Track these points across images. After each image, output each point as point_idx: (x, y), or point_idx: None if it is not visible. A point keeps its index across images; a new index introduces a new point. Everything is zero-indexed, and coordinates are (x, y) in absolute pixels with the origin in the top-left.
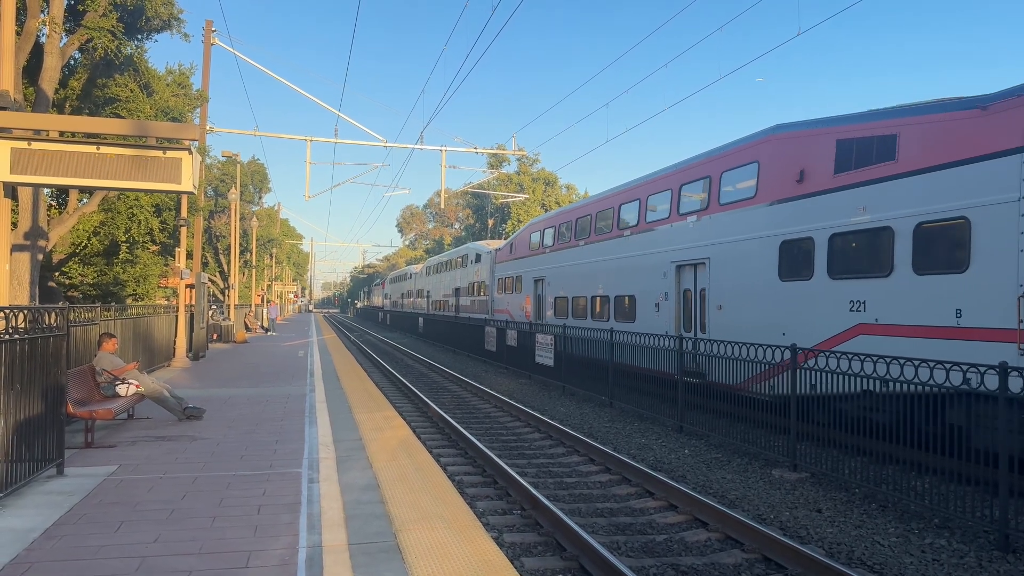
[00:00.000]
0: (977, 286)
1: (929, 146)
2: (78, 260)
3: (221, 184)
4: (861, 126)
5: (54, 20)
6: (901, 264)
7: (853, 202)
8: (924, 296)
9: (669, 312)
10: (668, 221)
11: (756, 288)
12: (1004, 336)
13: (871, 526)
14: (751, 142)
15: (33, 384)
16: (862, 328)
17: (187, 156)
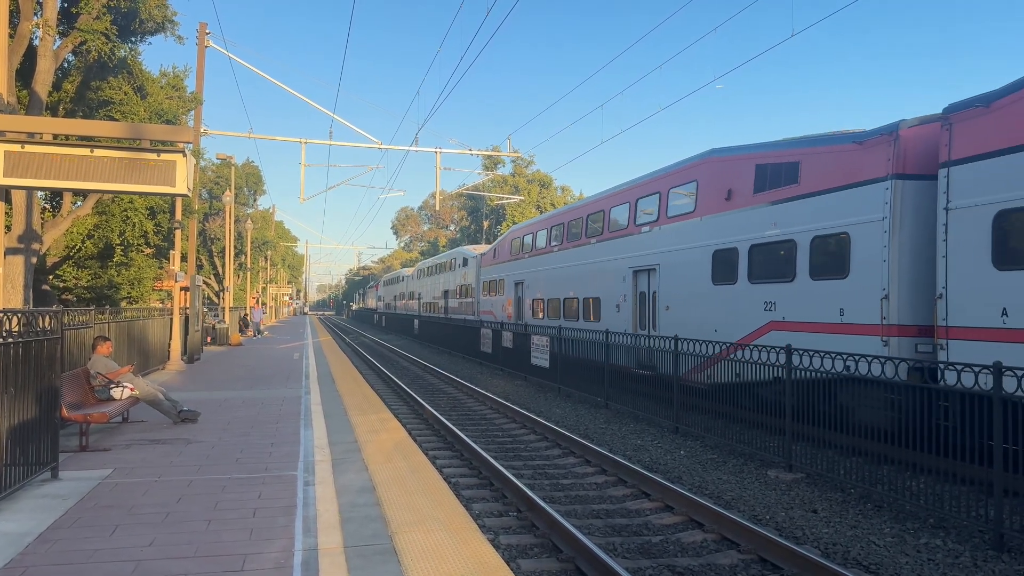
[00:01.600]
0: (854, 290)
1: (823, 172)
2: (72, 263)
3: (216, 187)
4: (774, 153)
5: (47, 23)
6: (801, 271)
7: (767, 218)
8: (818, 298)
9: (627, 312)
10: (627, 231)
11: (695, 291)
12: (873, 330)
13: (867, 526)
14: (692, 163)
15: (27, 388)
16: (773, 325)
17: (181, 159)
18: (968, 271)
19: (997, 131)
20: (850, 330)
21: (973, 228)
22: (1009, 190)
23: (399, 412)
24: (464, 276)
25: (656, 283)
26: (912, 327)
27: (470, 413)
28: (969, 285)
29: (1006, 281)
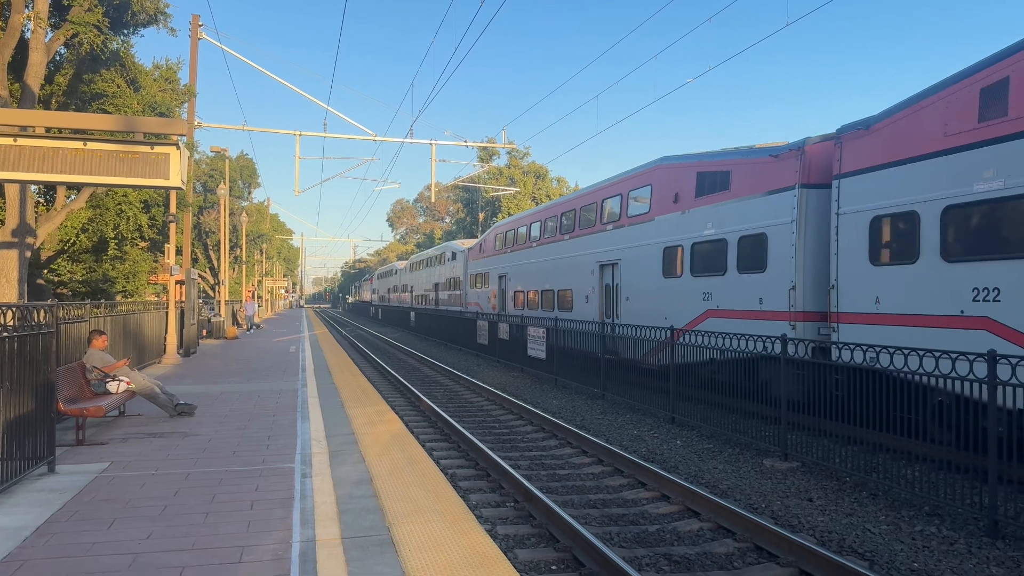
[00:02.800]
0: (771, 282)
1: (748, 181)
2: (67, 257)
3: (210, 179)
4: (712, 163)
5: (39, 15)
6: (731, 266)
7: (705, 219)
8: (743, 289)
9: (595, 303)
10: (595, 229)
11: (649, 283)
12: (784, 316)
13: (862, 514)
14: (647, 169)
15: (23, 382)
16: (710, 313)
17: (175, 151)
18: (852, 266)
19: (873, 150)
20: (768, 316)
21: (855, 230)
22: (881, 199)
23: (396, 404)
24: (453, 269)
25: (618, 276)
26: (815, 313)
27: (467, 405)
28: (853, 278)
29: (878, 275)
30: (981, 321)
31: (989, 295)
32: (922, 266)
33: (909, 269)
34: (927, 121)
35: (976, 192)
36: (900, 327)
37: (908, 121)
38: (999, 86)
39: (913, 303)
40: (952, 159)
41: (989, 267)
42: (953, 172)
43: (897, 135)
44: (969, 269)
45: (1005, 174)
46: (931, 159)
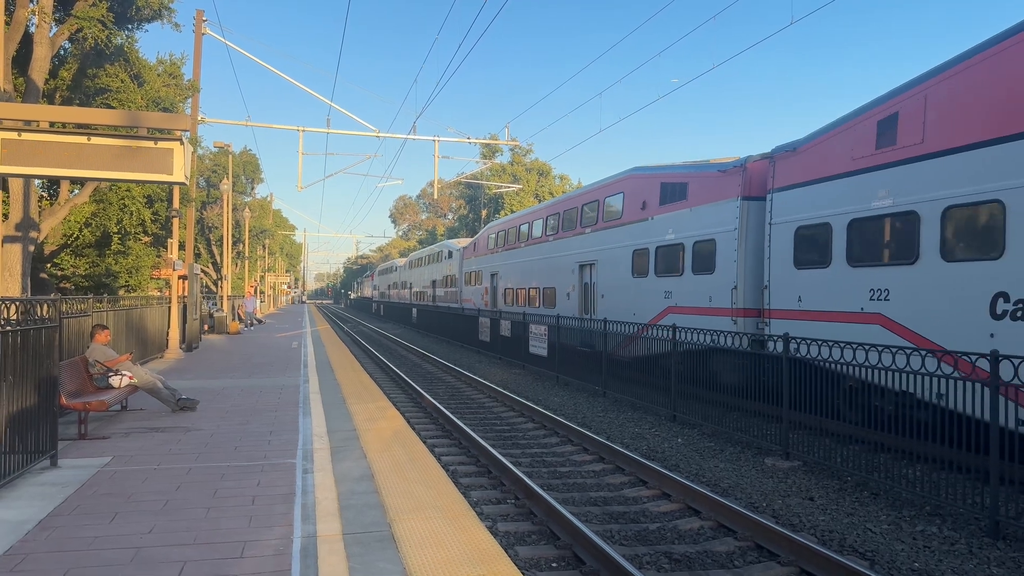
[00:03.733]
0: (718, 282)
1: (702, 192)
2: (70, 251)
3: (213, 175)
4: (673, 175)
5: (43, 10)
6: (687, 267)
7: (667, 225)
8: (697, 288)
9: (575, 300)
10: (575, 231)
11: (621, 282)
12: (728, 312)
13: (863, 514)
14: (620, 178)
15: (26, 376)
16: (671, 309)
17: (179, 146)
18: (780, 269)
19: (798, 169)
20: (716, 312)
21: (783, 238)
22: (803, 212)
23: (397, 400)
24: (449, 267)
25: (595, 275)
26: (753, 310)
27: (468, 401)
28: (781, 279)
29: (800, 277)
30: (876, 317)
31: (882, 295)
32: (833, 270)
33: (823, 272)
34: (839, 146)
35: (872, 208)
36: (816, 322)
37: (825, 145)
38: (891, 119)
39: (826, 301)
40: (856, 180)
41: (881, 272)
42: (857, 191)
43: (816, 157)
44: (867, 273)
45: (894, 194)
46: (841, 179)
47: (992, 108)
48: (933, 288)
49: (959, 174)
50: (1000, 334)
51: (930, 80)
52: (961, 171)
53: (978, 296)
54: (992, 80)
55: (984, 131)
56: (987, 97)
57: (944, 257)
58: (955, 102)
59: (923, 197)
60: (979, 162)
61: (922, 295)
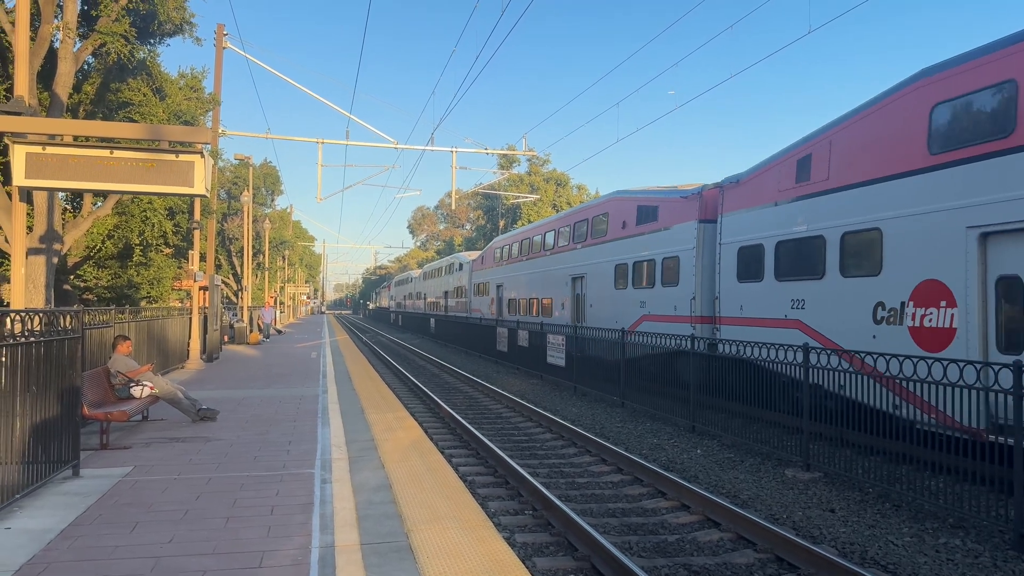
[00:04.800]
0: (681, 293)
1: (669, 215)
2: (93, 263)
3: (234, 187)
4: (649, 198)
5: (68, 25)
6: (657, 280)
7: (643, 243)
8: (665, 298)
9: (569, 309)
10: (569, 247)
11: (605, 293)
12: (688, 320)
13: (885, 526)
14: (606, 199)
15: (49, 386)
16: (645, 317)
17: (199, 159)
18: (727, 282)
19: (741, 198)
20: (680, 320)
21: (730, 256)
22: (744, 234)
23: (415, 410)
24: (459, 279)
25: (584, 287)
26: (708, 317)
27: (486, 411)
28: (728, 291)
29: (742, 289)
30: (795, 323)
31: (799, 304)
32: (765, 284)
33: (758, 285)
34: (770, 179)
35: (793, 232)
36: (754, 327)
37: (760, 178)
38: (806, 159)
39: (760, 309)
40: (782, 208)
41: (799, 285)
42: (782, 218)
43: (754, 188)
44: (789, 286)
45: (808, 221)
46: (771, 207)
47: (874, 153)
48: (834, 299)
49: (853, 206)
50: (879, 335)
51: (835, 128)
52: (854, 203)
53: (865, 305)
54: (874, 131)
55: (870, 171)
56: (871, 144)
57: (842, 273)
58: (851, 147)
59: (828, 224)
60: (866, 196)
61: (827, 304)
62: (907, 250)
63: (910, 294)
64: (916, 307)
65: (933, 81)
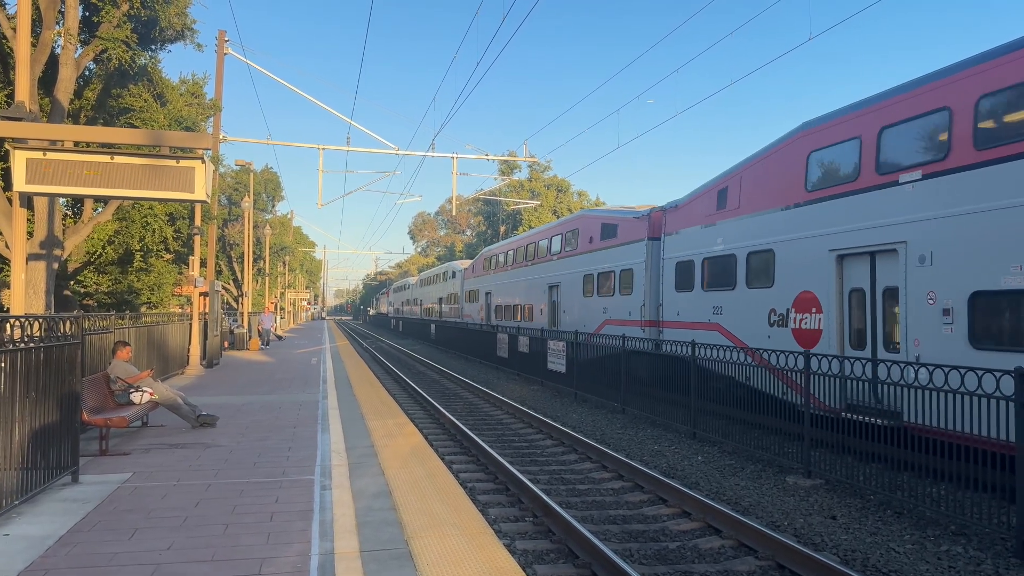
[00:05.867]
0: (634, 301)
1: (626, 232)
2: (93, 269)
3: (235, 193)
4: (610, 217)
5: (69, 31)
6: (616, 289)
7: (605, 257)
8: (622, 305)
9: (546, 315)
10: (547, 258)
11: (576, 300)
12: (639, 324)
13: (886, 533)
14: (577, 217)
15: (48, 392)
16: (607, 322)
17: (200, 165)
18: (668, 292)
19: (678, 220)
20: (633, 323)
21: (670, 269)
22: (680, 251)
23: (415, 417)
24: (453, 286)
25: (559, 295)
26: (655, 322)
27: (486, 418)
28: (668, 299)
29: (679, 297)
30: (715, 326)
31: (719, 311)
32: (695, 293)
33: (690, 294)
34: (699, 206)
35: (714, 251)
36: (688, 329)
37: (692, 204)
38: (724, 190)
39: (692, 315)
40: (707, 230)
41: (718, 294)
42: (707, 238)
43: (688, 212)
44: (712, 295)
45: (724, 241)
46: (700, 229)
47: (770, 188)
48: (743, 306)
49: (755, 230)
50: (772, 336)
51: (744, 166)
52: (757, 228)
53: (763, 311)
54: (770, 170)
55: (768, 203)
56: (768, 180)
57: (747, 285)
58: (754, 182)
59: (738, 245)
60: (764, 223)
61: (737, 310)
62: (791, 267)
63: (792, 302)
64: (796, 313)
65: (809, 133)
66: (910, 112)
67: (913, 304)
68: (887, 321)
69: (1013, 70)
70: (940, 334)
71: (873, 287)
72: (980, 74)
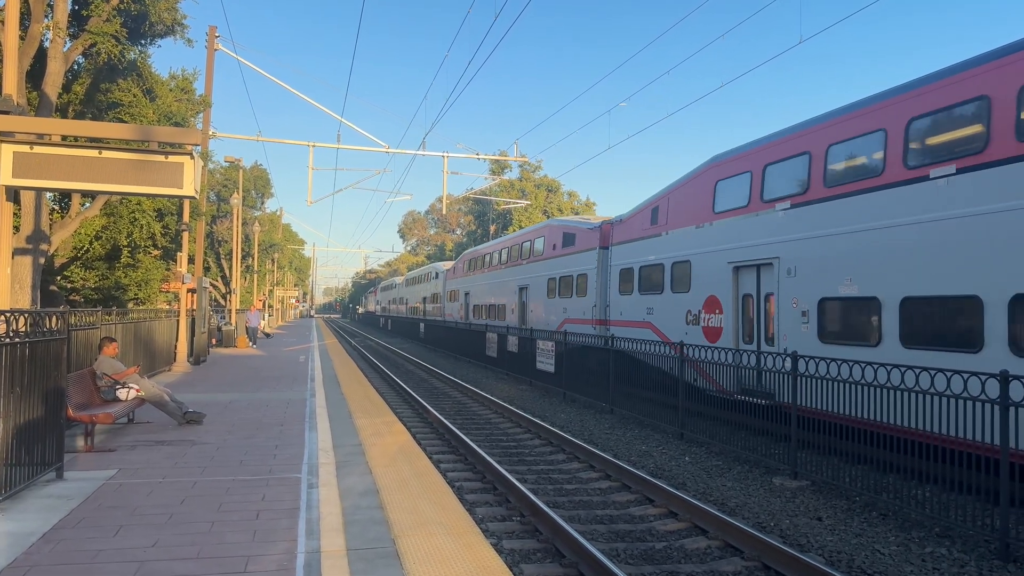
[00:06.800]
0: (588, 302)
1: (583, 241)
2: (80, 264)
3: (224, 189)
4: (571, 227)
5: (58, 25)
6: (575, 292)
7: (566, 262)
8: (579, 305)
9: (517, 314)
10: (518, 262)
11: (541, 301)
12: (591, 323)
13: (871, 534)
14: (544, 226)
15: (33, 388)
16: (567, 320)
17: (189, 161)
18: (614, 295)
19: (622, 233)
20: (587, 322)
21: (615, 275)
22: (623, 260)
23: (403, 415)
24: (436, 286)
25: (528, 296)
26: (603, 321)
27: (474, 417)
28: (614, 301)
29: (622, 299)
30: (648, 324)
31: (651, 311)
32: (633, 296)
33: (630, 297)
34: (638, 221)
35: (648, 260)
36: (629, 327)
37: (633, 219)
38: (656, 210)
39: (631, 315)
40: (643, 243)
41: (651, 297)
42: (643, 250)
43: (629, 226)
44: (646, 298)
45: (655, 253)
46: (638, 241)
47: (689, 209)
48: (668, 307)
49: (677, 244)
50: (689, 332)
51: (671, 189)
52: (678, 242)
53: (683, 312)
54: (689, 194)
55: (687, 222)
56: (687, 203)
57: (672, 290)
58: (678, 204)
59: (665, 256)
60: (684, 238)
61: (664, 311)
62: (702, 276)
63: (703, 304)
64: (706, 313)
65: (717, 165)
66: (784, 154)
67: (783, 307)
68: (767, 321)
69: (850, 127)
70: (800, 331)
71: (758, 293)
72: (830, 128)
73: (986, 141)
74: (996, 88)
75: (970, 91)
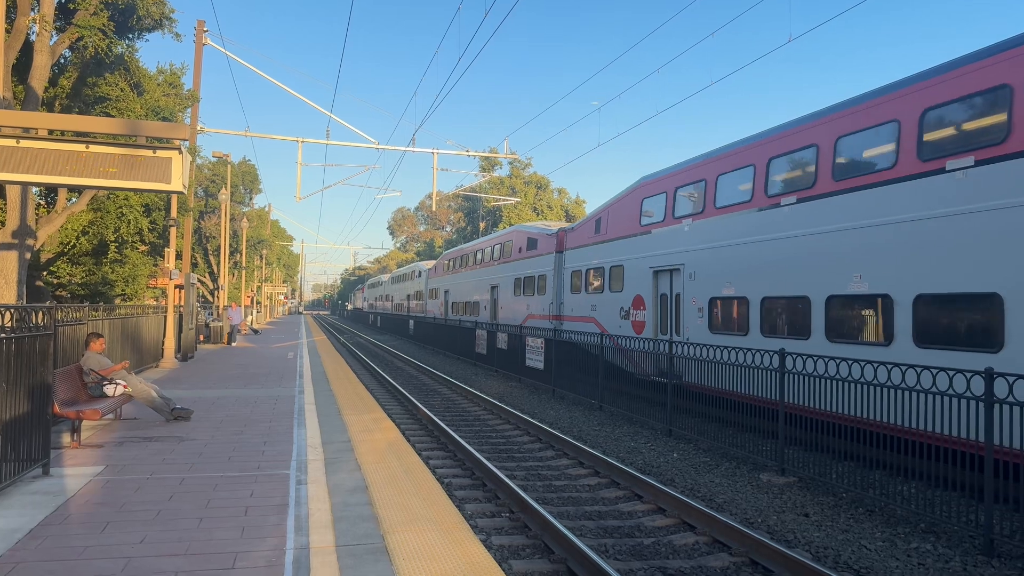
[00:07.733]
0: (546, 299)
1: (543, 245)
2: (66, 259)
3: (211, 185)
4: (534, 233)
5: (44, 18)
6: (536, 291)
7: (529, 264)
8: (540, 303)
9: (489, 310)
10: (490, 263)
11: (509, 298)
12: (549, 318)
13: (858, 530)
14: (511, 231)
15: (19, 383)
16: (530, 316)
17: (177, 156)
18: (566, 293)
19: (573, 239)
20: (545, 318)
21: (568, 276)
22: (574, 263)
23: (393, 412)
24: (419, 284)
25: (498, 294)
26: (559, 316)
27: (464, 414)
28: (567, 299)
29: (573, 298)
30: (591, 319)
31: (595, 308)
32: (581, 295)
33: (579, 296)
34: (585, 230)
35: (593, 264)
36: (577, 322)
37: (581, 228)
38: (599, 220)
39: (580, 311)
40: (589, 248)
41: (594, 296)
42: (589, 254)
43: (579, 233)
44: (591, 297)
45: (599, 257)
46: (585, 247)
47: (623, 221)
48: (607, 305)
49: (616, 251)
50: (622, 326)
51: (610, 203)
52: (617, 250)
53: (617, 309)
54: (623, 208)
55: (622, 232)
56: (622, 216)
57: (610, 290)
58: (615, 216)
59: (605, 261)
60: (620, 246)
61: (605, 308)
62: (632, 278)
63: (632, 302)
64: (634, 310)
65: (644, 185)
66: (689, 180)
67: (686, 305)
68: (677, 316)
69: (740, 159)
70: (697, 324)
71: (671, 293)
72: (722, 160)
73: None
74: (1019, 76)
75: (991, 80)
